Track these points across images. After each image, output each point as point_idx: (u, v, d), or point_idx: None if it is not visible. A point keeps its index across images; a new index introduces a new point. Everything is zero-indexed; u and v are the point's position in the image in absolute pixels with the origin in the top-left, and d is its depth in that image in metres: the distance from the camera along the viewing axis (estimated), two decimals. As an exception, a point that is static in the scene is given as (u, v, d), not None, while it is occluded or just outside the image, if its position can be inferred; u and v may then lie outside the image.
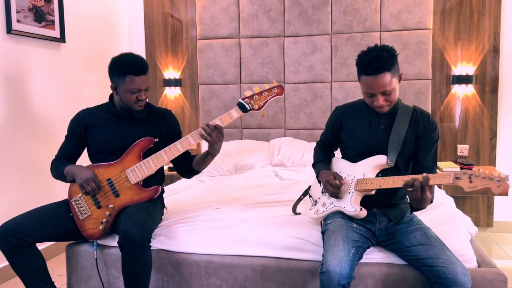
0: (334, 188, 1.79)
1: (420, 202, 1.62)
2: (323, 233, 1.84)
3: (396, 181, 1.65)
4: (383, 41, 3.46)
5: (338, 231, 1.71)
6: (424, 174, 1.59)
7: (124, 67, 1.97)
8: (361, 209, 1.75)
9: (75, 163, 2.12)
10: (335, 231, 1.71)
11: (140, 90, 1.98)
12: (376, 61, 1.65)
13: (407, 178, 1.62)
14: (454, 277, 1.53)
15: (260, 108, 2.07)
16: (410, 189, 1.61)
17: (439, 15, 3.48)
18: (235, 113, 2.05)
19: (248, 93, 2.07)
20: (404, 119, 1.78)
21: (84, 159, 2.14)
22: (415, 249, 1.67)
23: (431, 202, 1.76)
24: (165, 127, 2.11)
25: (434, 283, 1.58)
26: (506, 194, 1.41)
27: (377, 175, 1.78)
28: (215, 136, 1.96)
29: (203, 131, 1.97)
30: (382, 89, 1.68)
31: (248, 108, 2.05)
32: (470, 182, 1.46)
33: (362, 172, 1.79)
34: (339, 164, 1.94)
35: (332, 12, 3.54)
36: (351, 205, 1.77)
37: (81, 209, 1.96)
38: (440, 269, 1.56)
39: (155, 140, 2.02)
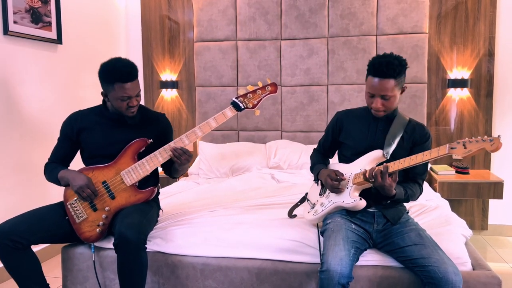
0: (334, 181, 1.83)
1: (383, 189, 1.71)
2: (321, 233, 1.85)
3: (393, 166, 1.69)
4: (379, 44, 3.48)
5: (338, 231, 1.73)
6: (385, 164, 1.69)
7: (112, 75, 1.89)
8: (360, 199, 1.79)
9: (68, 166, 2.11)
10: (335, 231, 1.74)
11: (130, 97, 1.93)
12: (386, 65, 1.74)
13: (411, 157, 1.67)
14: (445, 276, 1.54)
15: (254, 106, 2.06)
16: (372, 180, 1.70)
17: (435, 19, 3.50)
18: (229, 112, 2.03)
19: (241, 92, 2.06)
20: (400, 126, 1.87)
21: (77, 162, 2.14)
22: (409, 249, 1.69)
23: (407, 200, 1.84)
24: (158, 131, 2.10)
25: (427, 283, 1.60)
26: (497, 150, 1.48)
27: None
28: (184, 159, 1.96)
29: (173, 154, 1.96)
30: (382, 93, 1.77)
31: (242, 107, 2.04)
32: (465, 148, 1.52)
33: (359, 167, 1.84)
34: (336, 167, 1.98)
35: (328, 16, 3.56)
36: (349, 197, 1.81)
37: (77, 212, 1.95)
38: (432, 269, 1.58)
39: (149, 140, 2.01)
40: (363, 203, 1.79)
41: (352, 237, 1.73)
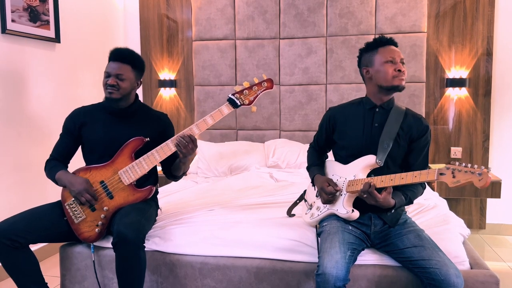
0: (328, 195, 1.80)
1: (379, 204, 1.67)
2: (318, 235, 1.84)
3: (384, 181, 1.66)
4: (378, 44, 3.48)
5: (334, 233, 1.71)
6: (366, 182, 1.67)
7: (109, 54, 2.03)
8: (353, 211, 1.76)
9: (69, 162, 2.12)
10: (331, 233, 1.72)
11: (109, 75, 1.98)
12: (393, 39, 1.89)
13: (402, 175, 1.64)
14: (447, 278, 1.54)
15: (250, 103, 2.04)
16: (365, 196, 1.68)
17: (433, 18, 3.50)
18: (226, 109, 2.02)
19: (238, 88, 2.04)
20: (396, 120, 1.82)
21: (78, 159, 2.13)
22: (409, 251, 1.68)
23: (410, 202, 1.81)
24: (159, 129, 2.10)
25: (427, 284, 1.59)
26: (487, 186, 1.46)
27: (369, 175, 1.79)
28: (190, 148, 1.95)
29: (179, 143, 1.94)
30: (402, 56, 1.84)
31: (239, 103, 2.02)
32: (454, 177, 1.49)
33: (353, 173, 1.80)
34: (332, 166, 1.94)
35: (327, 15, 3.56)
36: (343, 207, 1.78)
37: (75, 212, 1.95)
38: (433, 271, 1.57)
39: (146, 139, 2.00)
40: (355, 215, 1.76)
41: (349, 238, 1.71)
